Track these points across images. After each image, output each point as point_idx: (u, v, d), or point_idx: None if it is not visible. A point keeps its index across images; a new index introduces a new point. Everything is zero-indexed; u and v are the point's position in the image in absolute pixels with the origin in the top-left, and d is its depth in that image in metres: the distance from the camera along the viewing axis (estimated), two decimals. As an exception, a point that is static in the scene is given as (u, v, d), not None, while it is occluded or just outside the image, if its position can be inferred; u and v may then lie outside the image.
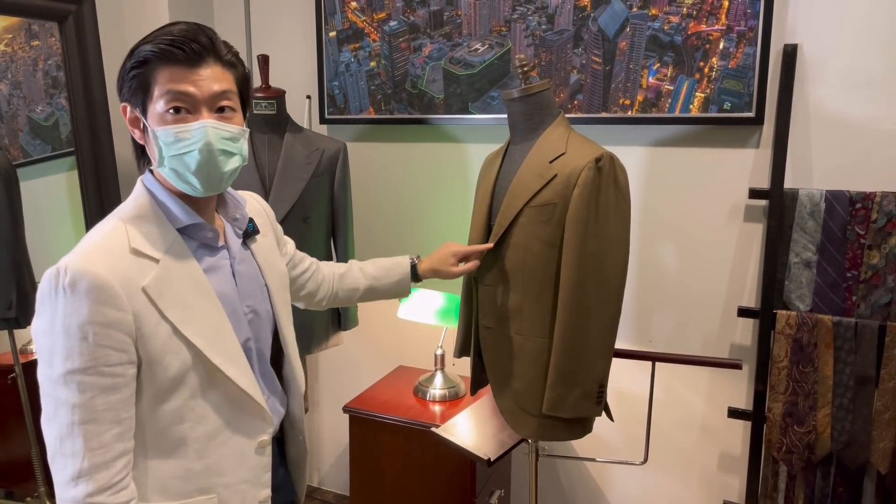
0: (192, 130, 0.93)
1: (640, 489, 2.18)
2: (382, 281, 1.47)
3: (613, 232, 1.37)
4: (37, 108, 2.85)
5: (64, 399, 0.86)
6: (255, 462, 1.05)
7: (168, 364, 0.92)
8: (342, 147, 2.03)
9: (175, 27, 0.95)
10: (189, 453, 0.97)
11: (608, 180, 1.35)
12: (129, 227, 0.94)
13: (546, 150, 1.41)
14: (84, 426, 0.86)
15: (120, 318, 0.88)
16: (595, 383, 1.40)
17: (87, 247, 0.90)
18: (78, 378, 0.86)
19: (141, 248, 0.93)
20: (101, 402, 0.87)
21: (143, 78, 0.93)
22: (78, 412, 0.86)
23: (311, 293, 1.40)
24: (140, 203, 0.98)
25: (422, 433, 1.95)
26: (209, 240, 1.01)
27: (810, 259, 1.82)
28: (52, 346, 0.86)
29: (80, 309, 0.85)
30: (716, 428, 2.05)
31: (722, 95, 1.86)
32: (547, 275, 1.40)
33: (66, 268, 0.86)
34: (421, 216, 2.36)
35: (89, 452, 0.86)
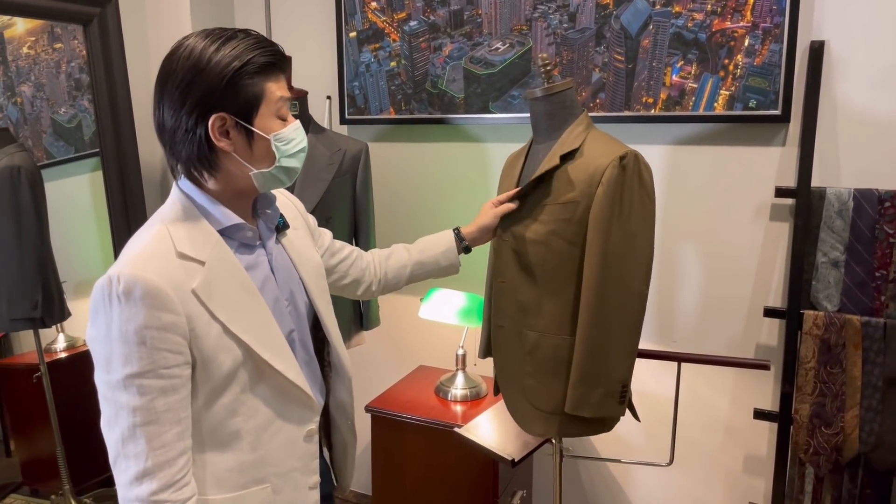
0: (299, 130, 1.03)
1: (664, 491, 2.16)
2: (428, 253, 1.45)
3: (637, 230, 1.35)
4: (60, 109, 2.87)
5: (125, 403, 0.89)
6: (304, 450, 1.09)
7: (221, 362, 0.95)
8: (364, 147, 2.03)
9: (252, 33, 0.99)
10: (243, 446, 1.00)
11: (633, 178, 1.33)
12: (173, 231, 0.96)
13: (567, 149, 1.40)
14: (146, 427, 0.89)
15: (174, 322, 0.90)
16: (618, 383, 1.39)
17: (135, 254, 0.93)
18: (137, 382, 0.88)
19: (187, 252, 0.95)
20: (160, 404, 0.90)
21: (257, 87, 0.96)
22: (139, 414, 0.89)
23: (357, 281, 1.39)
24: (181, 208, 1.00)
25: (444, 433, 1.95)
26: (248, 239, 1.04)
27: (838, 258, 1.79)
28: (110, 352, 0.89)
29: (136, 315, 0.88)
30: (741, 429, 2.03)
31: (747, 93, 1.84)
32: (567, 272, 1.39)
33: (119, 276, 0.88)
34: (442, 216, 2.36)
35: (152, 452, 0.89)
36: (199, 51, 0.95)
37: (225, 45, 0.96)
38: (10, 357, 2.69)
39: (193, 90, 0.94)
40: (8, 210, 2.39)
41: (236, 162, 0.99)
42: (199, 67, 0.94)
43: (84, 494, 2.62)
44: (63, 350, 2.65)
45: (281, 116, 1.00)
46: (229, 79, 0.94)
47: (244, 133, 0.98)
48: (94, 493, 2.64)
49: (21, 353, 2.68)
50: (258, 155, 0.99)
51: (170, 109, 0.98)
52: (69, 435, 2.56)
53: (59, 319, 2.53)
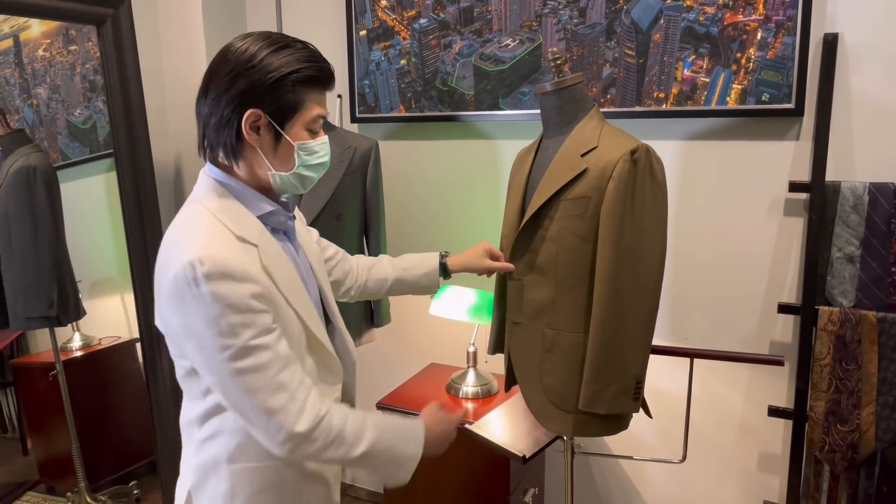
0: (326, 145, 1.10)
1: (677, 489, 2.14)
2: (410, 272, 1.49)
3: (650, 225, 1.34)
4: (75, 111, 2.90)
5: (258, 364, 0.96)
6: None
7: (290, 332, 1.04)
8: (374, 145, 2.04)
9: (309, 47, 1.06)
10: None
11: (644, 172, 1.33)
12: (223, 217, 1.02)
13: (578, 144, 1.40)
14: (283, 373, 0.99)
15: (261, 291, 0.98)
16: (632, 379, 1.38)
17: (201, 240, 0.98)
18: (259, 340, 0.97)
19: (244, 236, 1.02)
20: (282, 349, 1.00)
21: (301, 97, 1.03)
22: (274, 367, 0.98)
23: (338, 281, 1.44)
24: (220, 195, 1.06)
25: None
26: (281, 224, 1.11)
27: (853, 253, 1.77)
28: (219, 329, 0.94)
29: (233, 288, 0.95)
30: (755, 427, 2.01)
31: (760, 87, 1.82)
32: (581, 269, 1.39)
33: (200, 260, 0.94)
34: (452, 213, 2.36)
35: (298, 389, 1.00)
36: (256, 49, 1.02)
37: (280, 50, 1.02)
38: (27, 356, 2.72)
39: (239, 81, 1.00)
40: (24, 210, 2.42)
41: (259, 159, 1.05)
42: (251, 63, 1.01)
43: (99, 492, 2.64)
44: (79, 349, 2.67)
45: (312, 129, 1.06)
46: (274, 81, 1.00)
47: (273, 134, 1.03)
48: (109, 491, 2.67)
49: (38, 351, 2.71)
50: (281, 157, 1.05)
51: (213, 94, 1.03)
52: (85, 433, 2.58)
53: (74, 318, 2.55)
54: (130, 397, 2.75)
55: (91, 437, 2.62)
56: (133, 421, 2.76)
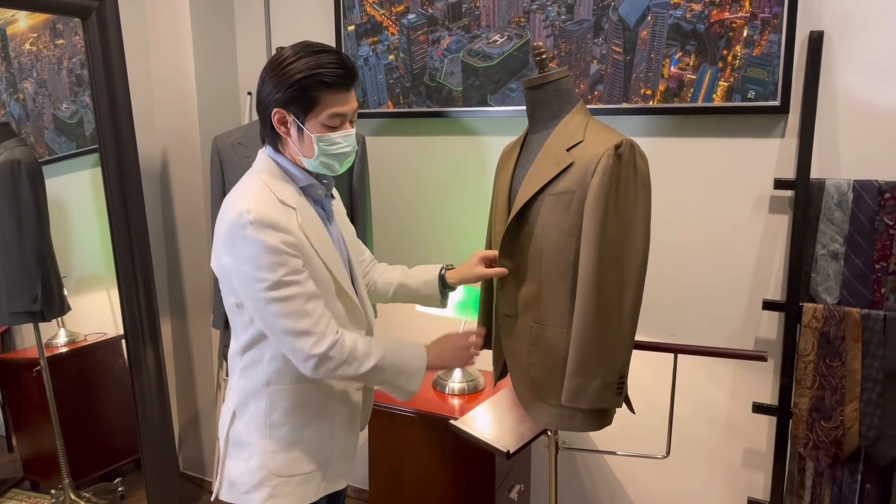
0: (351, 137, 1.29)
1: (662, 485, 2.15)
2: (413, 279, 1.58)
3: (633, 220, 1.34)
4: (62, 105, 2.88)
5: (288, 295, 1.19)
6: None
7: (317, 279, 1.25)
8: (361, 139, 2.03)
9: (332, 54, 1.22)
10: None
11: (628, 167, 1.33)
12: (270, 185, 1.26)
13: (564, 138, 1.40)
14: (308, 304, 1.21)
15: (295, 241, 1.21)
16: (615, 374, 1.38)
17: (250, 198, 1.21)
18: (291, 277, 1.19)
19: (284, 199, 1.24)
20: (309, 287, 1.22)
21: (309, 97, 1.21)
22: (301, 299, 1.20)
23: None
24: (271, 169, 1.29)
25: (441, 426, 1.94)
26: (318, 196, 1.34)
27: (838, 251, 1.78)
28: (261, 264, 1.17)
29: (271, 235, 1.17)
30: (740, 423, 2.01)
31: (746, 84, 1.83)
32: (565, 264, 1.39)
33: (248, 211, 1.17)
34: (440, 209, 2.36)
35: (320, 318, 1.22)
36: (285, 56, 1.22)
37: (307, 56, 1.21)
38: (12, 352, 2.69)
39: (268, 84, 1.24)
40: (8, 204, 2.39)
41: (289, 145, 1.28)
42: (280, 70, 1.22)
43: (84, 489, 2.63)
44: (64, 345, 2.65)
45: (331, 124, 1.24)
46: (292, 84, 1.20)
47: (297, 128, 1.25)
48: (94, 488, 2.65)
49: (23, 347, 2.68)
50: (306, 147, 1.26)
51: (260, 89, 1.26)
52: (69, 430, 2.56)
53: (59, 314, 2.53)
54: (116, 394, 2.73)
55: (76, 434, 2.60)
56: (118, 418, 2.74)
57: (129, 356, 2.36)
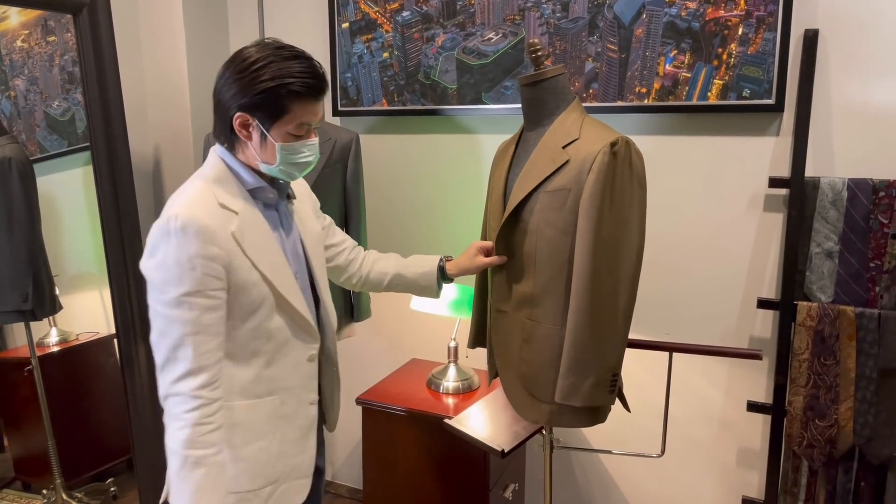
0: (313, 147, 1.23)
1: (656, 484, 2.15)
2: (410, 270, 1.56)
3: (629, 218, 1.34)
4: (53, 103, 2.85)
5: (178, 316, 1.10)
6: (306, 371, 1.31)
7: (249, 292, 1.18)
8: (354, 137, 2.02)
9: (304, 61, 1.17)
10: (260, 362, 1.23)
11: (623, 165, 1.32)
12: (213, 187, 1.19)
13: (559, 135, 1.39)
14: (194, 337, 1.10)
15: (218, 254, 1.12)
16: (608, 371, 1.37)
17: (186, 201, 1.14)
18: (189, 299, 1.10)
19: (225, 203, 1.17)
20: (206, 319, 1.12)
21: (279, 106, 1.15)
22: (189, 326, 1.10)
23: (340, 267, 1.55)
24: (219, 169, 1.22)
25: (435, 426, 1.93)
26: (269, 199, 1.26)
27: (832, 249, 1.78)
28: (167, 276, 1.10)
29: (189, 246, 1.10)
30: (734, 422, 2.01)
31: (741, 82, 1.82)
32: (559, 262, 1.38)
33: (177, 216, 1.10)
34: (435, 208, 2.35)
35: (197, 357, 1.11)
36: (254, 59, 1.15)
37: (278, 62, 1.14)
38: (3, 351, 2.67)
39: (233, 87, 1.16)
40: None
41: (249, 150, 1.21)
42: (248, 73, 1.15)
43: (76, 489, 2.61)
44: (56, 344, 2.63)
45: (296, 133, 1.19)
46: (263, 91, 1.14)
47: (260, 133, 1.18)
48: (86, 488, 2.63)
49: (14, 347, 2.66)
50: (267, 153, 1.20)
51: (220, 88, 1.19)
52: (61, 429, 2.54)
53: (50, 312, 2.51)
54: (108, 394, 2.71)
55: (67, 434, 2.58)
56: (110, 418, 2.72)
57: (121, 355, 2.34)
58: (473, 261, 1.52)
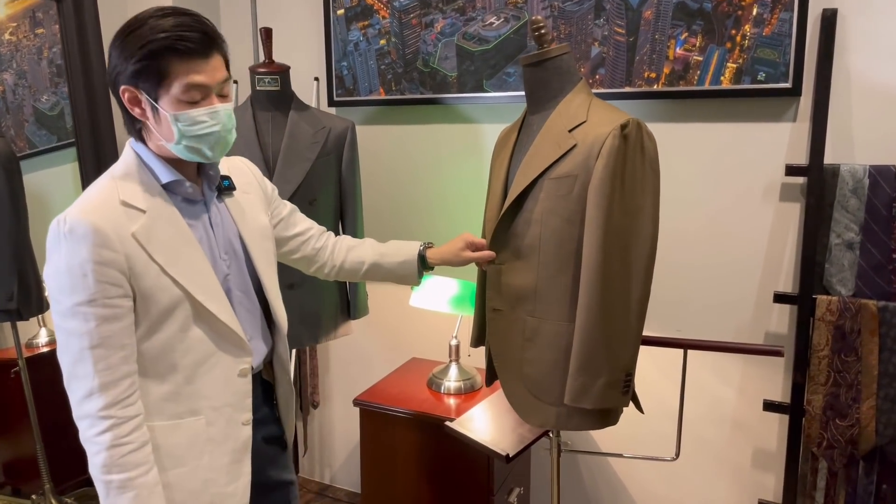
0: (216, 114, 1.07)
1: (667, 487, 2.06)
2: (388, 258, 1.46)
3: (641, 205, 1.25)
4: (42, 97, 2.80)
5: (73, 329, 1.00)
6: (237, 387, 1.17)
7: (158, 299, 1.06)
8: (350, 126, 1.93)
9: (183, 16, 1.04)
10: (179, 378, 1.10)
11: (635, 149, 1.23)
12: (119, 183, 1.07)
13: (565, 118, 1.30)
14: (92, 351, 1.00)
15: (113, 258, 1.01)
16: (621, 371, 1.28)
17: (82, 200, 1.04)
18: (83, 309, 1.00)
19: (129, 201, 1.05)
20: (105, 330, 1.01)
21: (157, 68, 1.02)
22: (86, 339, 1.00)
23: (308, 259, 1.44)
24: (128, 163, 1.10)
25: (436, 427, 1.85)
26: (189, 194, 1.14)
27: (853, 240, 1.69)
28: (60, 284, 1.00)
29: (79, 251, 0.99)
30: (749, 422, 1.92)
31: (756, 65, 1.73)
32: (566, 253, 1.29)
33: (66, 218, 1.00)
34: (434, 200, 2.26)
35: (99, 373, 1.00)
36: (129, 24, 1.05)
37: (154, 20, 1.03)
38: (-8, 352, 2.60)
39: (114, 57, 1.05)
40: (-18, 199, 2.30)
41: (151, 131, 1.08)
42: (124, 39, 1.04)
43: (66, 494, 2.54)
44: (45, 345, 2.56)
45: (188, 99, 1.04)
46: (139, 54, 1.02)
47: (151, 107, 1.05)
48: (76, 493, 2.57)
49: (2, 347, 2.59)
50: (164, 130, 1.06)
51: (109, 67, 1.07)
52: (50, 432, 2.47)
53: (36, 312, 2.43)
54: (98, 395, 2.63)
55: (57, 438, 2.50)
56: (101, 420, 2.64)
57: (109, 356, 2.26)
58: (459, 254, 1.42)
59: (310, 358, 2.43)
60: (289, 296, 1.82)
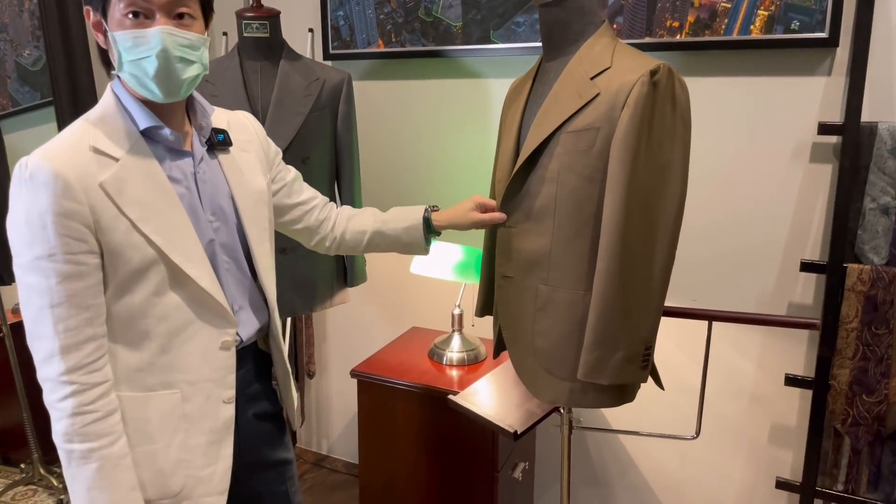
0: (150, 36, 0.94)
1: (680, 463, 1.97)
2: (391, 225, 1.33)
3: (670, 161, 1.13)
4: (24, 52, 2.69)
5: (33, 284, 0.92)
6: (218, 362, 1.06)
7: (129, 258, 0.96)
8: (346, 78, 1.78)
9: None
10: (152, 347, 1.01)
11: (665, 98, 1.10)
12: (93, 127, 0.98)
13: (587, 65, 1.17)
14: (52, 310, 0.92)
15: (75, 209, 0.92)
16: (641, 344, 1.17)
17: (49, 144, 0.95)
18: (43, 264, 0.91)
19: (101, 147, 0.96)
20: (67, 288, 0.92)
21: None
22: (46, 296, 0.92)
23: (310, 230, 1.33)
24: (106, 105, 1.00)
25: (438, 400, 1.75)
26: (171, 143, 1.03)
27: (889, 204, 1.56)
28: (20, 235, 0.92)
29: (38, 200, 0.90)
30: (768, 396, 1.82)
31: (789, 13, 1.58)
32: (584, 215, 1.17)
33: (28, 163, 0.92)
34: (438, 161, 2.13)
35: (59, 335, 0.93)
36: None
37: None
38: (-25, 318, 2.50)
39: None
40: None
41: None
42: None
43: (55, 464, 2.48)
44: (31, 310, 2.45)
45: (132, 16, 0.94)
46: None
47: (104, 29, 0.98)
48: (66, 463, 2.49)
49: (-13, 313, 2.49)
50: (113, 54, 0.98)
51: None
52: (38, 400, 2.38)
53: (19, 276, 2.33)
54: (87, 363, 2.55)
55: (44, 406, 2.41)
56: (90, 388, 2.56)
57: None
58: (467, 215, 1.31)
59: (305, 327, 2.32)
60: (281, 261, 1.71)
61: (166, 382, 1.02)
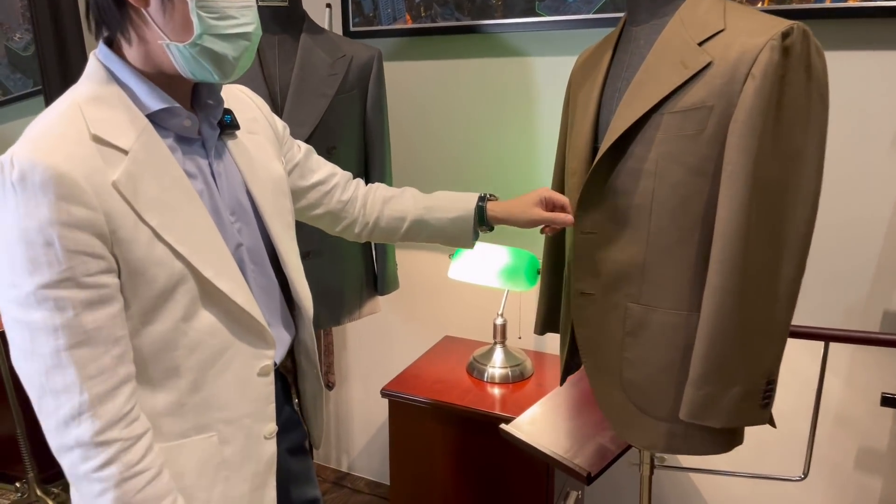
0: (249, 8, 0.79)
1: (750, 488, 1.75)
2: (437, 214, 1.13)
3: (803, 148, 0.90)
4: (15, 35, 2.54)
5: (41, 323, 0.71)
6: (257, 391, 0.89)
7: (153, 276, 0.77)
8: (376, 54, 1.56)
9: None
10: (182, 385, 0.83)
11: (799, 68, 0.88)
12: (88, 110, 0.76)
13: (691, 27, 0.94)
14: (74, 351, 0.72)
15: (86, 218, 0.71)
16: (762, 378, 0.95)
17: (35, 134, 0.73)
18: (53, 293, 0.71)
19: (104, 136, 0.75)
20: (88, 320, 0.72)
21: None
22: (63, 335, 0.71)
23: (333, 214, 1.13)
24: (97, 82, 0.79)
25: (482, 424, 1.54)
26: (186, 129, 0.83)
27: None
28: (13, 259, 0.71)
29: (36, 208, 0.70)
30: (856, 417, 1.61)
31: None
32: (691, 217, 0.95)
33: (13, 160, 0.70)
34: (475, 152, 1.91)
35: (87, 381, 0.72)
36: None
37: None
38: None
39: None
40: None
41: (147, 27, 0.77)
42: None
43: (52, 483, 2.34)
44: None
45: None
46: None
47: None
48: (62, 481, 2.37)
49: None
50: (176, 22, 0.75)
51: None
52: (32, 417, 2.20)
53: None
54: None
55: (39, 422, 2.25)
56: (88, 402, 2.39)
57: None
58: (529, 210, 1.09)
59: (324, 335, 2.12)
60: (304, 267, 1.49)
61: (200, 425, 0.84)
